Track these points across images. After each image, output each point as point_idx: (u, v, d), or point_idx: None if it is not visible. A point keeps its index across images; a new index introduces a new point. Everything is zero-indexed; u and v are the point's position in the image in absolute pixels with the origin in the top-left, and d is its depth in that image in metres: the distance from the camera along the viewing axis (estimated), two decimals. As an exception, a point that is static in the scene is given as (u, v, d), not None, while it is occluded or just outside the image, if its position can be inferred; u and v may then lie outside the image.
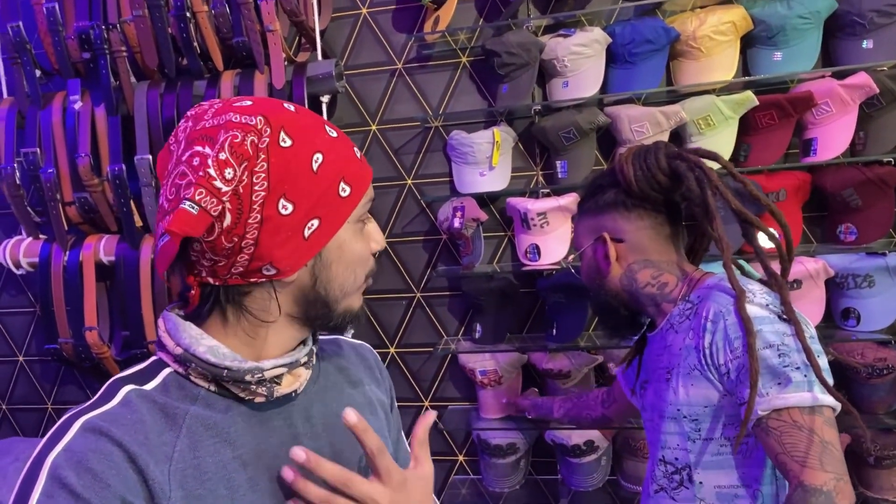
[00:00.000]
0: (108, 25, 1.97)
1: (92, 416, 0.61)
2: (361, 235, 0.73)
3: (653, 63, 1.81)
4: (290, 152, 0.66)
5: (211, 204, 0.62)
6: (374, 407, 0.84)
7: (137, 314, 2.04)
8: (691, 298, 1.09)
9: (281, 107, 0.69)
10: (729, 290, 1.01)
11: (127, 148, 2.02)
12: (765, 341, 0.94)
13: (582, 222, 1.20)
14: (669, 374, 1.07)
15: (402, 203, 2.12)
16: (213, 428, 0.66)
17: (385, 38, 2.08)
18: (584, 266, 1.20)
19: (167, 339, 0.69)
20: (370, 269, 0.76)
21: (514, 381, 2.00)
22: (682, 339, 1.06)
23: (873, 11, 1.67)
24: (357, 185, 0.71)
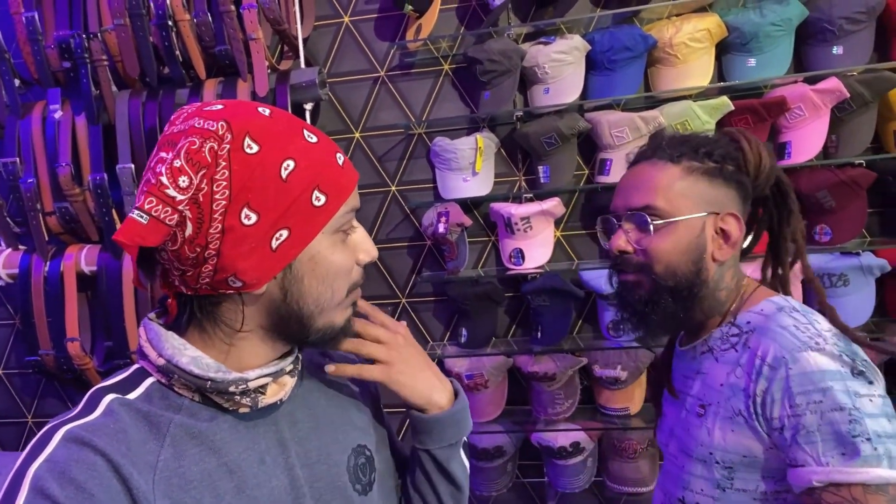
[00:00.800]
0: (89, 34, 1.96)
1: (74, 426, 0.60)
2: (343, 246, 0.69)
3: (631, 70, 1.84)
4: (256, 159, 0.62)
5: (165, 213, 0.60)
6: (359, 403, 0.84)
7: (120, 324, 2.02)
8: (738, 323, 0.96)
9: (252, 111, 0.65)
10: (794, 331, 0.87)
11: (108, 157, 2.01)
12: (834, 403, 0.81)
13: (689, 182, 0.96)
14: (703, 410, 0.95)
15: (387, 209, 2.13)
16: (197, 436, 0.65)
17: (368, 46, 2.09)
18: (678, 239, 0.95)
19: (149, 348, 0.67)
20: (353, 282, 0.71)
21: (500, 384, 2.02)
22: (726, 374, 0.93)
23: (843, 18, 1.72)
24: (335, 193, 0.67)
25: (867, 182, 1.73)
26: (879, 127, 1.77)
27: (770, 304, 0.94)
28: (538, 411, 1.99)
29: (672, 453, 1.02)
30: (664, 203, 0.95)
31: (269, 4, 1.84)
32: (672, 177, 0.96)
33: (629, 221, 0.98)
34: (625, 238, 0.98)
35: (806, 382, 0.83)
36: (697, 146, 0.97)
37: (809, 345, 0.85)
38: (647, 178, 0.98)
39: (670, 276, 0.95)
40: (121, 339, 2.04)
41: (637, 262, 0.98)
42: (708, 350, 0.98)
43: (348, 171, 0.70)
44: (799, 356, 0.84)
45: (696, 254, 0.95)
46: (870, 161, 1.76)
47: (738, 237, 0.96)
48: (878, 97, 1.71)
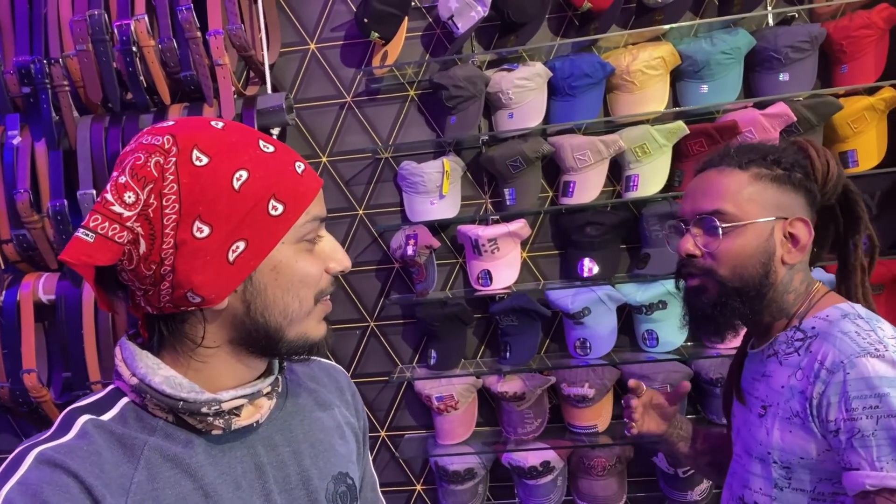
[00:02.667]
0: (50, 60, 1.93)
1: (47, 448, 0.59)
2: (308, 256, 0.68)
3: (591, 95, 1.91)
4: (206, 171, 0.61)
5: (112, 230, 0.59)
6: (343, 430, 0.81)
7: (80, 354, 1.97)
8: (804, 328, 0.97)
9: (202, 125, 0.65)
10: (854, 336, 0.89)
11: (69, 183, 1.98)
12: (890, 409, 0.82)
13: (757, 188, 0.98)
14: (764, 411, 0.98)
15: (355, 233, 2.14)
16: (172, 459, 0.64)
17: (334, 73, 2.12)
18: (746, 242, 0.97)
19: (123, 368, 0.66)
20: (319, 290, 0.69)
21: (470, 405, 2.03)
22: (787, 377, 0.95)
23: (788, 47, 1.82)
24: (293, 202, 0.65)
25: (815, 201, 1.81)
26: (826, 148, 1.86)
27: (836, 311, 0.96)
28: (508, 431, 2.01)
29: (738, 453, 1.05)
30: (733, 207, 0.98)
31: (236, 31, 1.86)
32: (740, 182, 0.99)
33: (697, 226, 1.01)
34: (693, 242, 1.00)
35: (863, 387, 0.84)
36: (766, 153, 1.00)
37: (869, 350, 0.86)
38: (716, 183, 1.00)
39: (736, 278, 0.98)
40: (80, 370, 1.98)
41: (703, 266, 1.00)
42: (773, 353, 1.00)
43: (308, 179, 0.68)
44: (857, 361, 0.86)
45: (765, 256, 0.97)
46: (817, 181, 1.84)
47: (806, 241, 0.98)
48: (823, 121, 1.80)
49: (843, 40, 1.81)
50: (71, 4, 1.93)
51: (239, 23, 1.87)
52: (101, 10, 1.88)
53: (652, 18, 1.91)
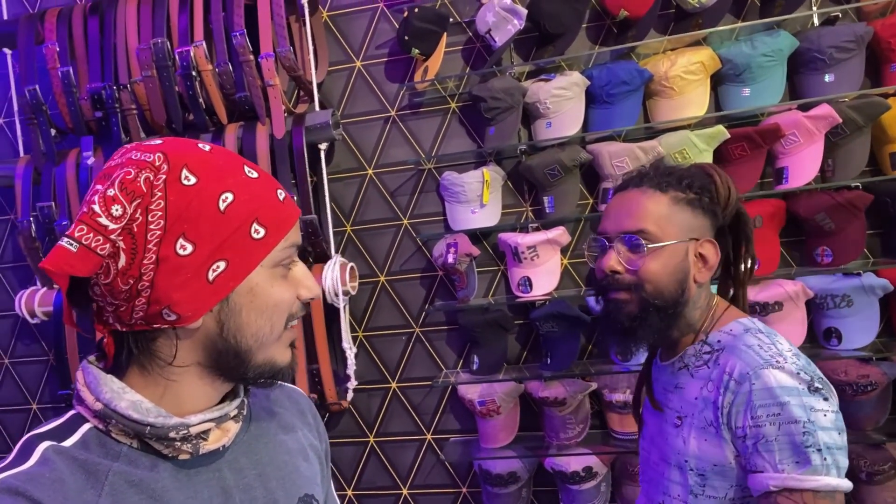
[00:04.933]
0: (119, 86, 2.10)
1: (8, 476, 0.58)
2: (283, 281, 0.69)
3: (629, 102, 1.92)
4: (193, 190, 0.62)
5: (96, 242, 0.60)
6: (307, 453, 0.81)
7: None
8: (710, 341, 1.05)
9: (191, 146, 0.66)
10: (757, 350, 0.97)
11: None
12: (791, 416, 0.90)
13: (675, 210, 1.05)
14: (680, 421, 1.04)
15: (399, 242, 2.21)
16: (137, 485, 0.63)
17: (378, 88, 2.21)
18: (666, 262, 1.03)
19: (86, 393, 0.65)
20: (290, 314, 0.70)
21: (512, 410, 2.06)
22: (699, 389, 1.02)
23: (832, 48, 1.78)
24: (274, 227, 0.67)
25: (864, 204, 1.77)
26: (875, 150, 1.81)
27: (738, 325, 1.04)
28: (550, 436, 2.03)
29: (654, 461, 1.11)
30: (655, 228, 1.03)
31: (286, 53, 1.97)
32: (661, 204, 1.05)
33: (622, 243, 1.05)
34: (616, 258, 1.05)
35: (766, 397, 0.92)
36: (681, 177, 1.07)
37: (770, 363, 0.94)
38: (640, 203, 1.06)
39: (658, 296, 1.04)
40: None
41: (625, 282, 1.05)
42: (684, 366, 1.07)
43: (288, 207, 0.69)
44: (761, 372, 0.94)
45: (682, 275, 1.04)
46: (867, 183, 1.80)
47: (715, 261, 1.07)
48: (870, 121, 1.76)
49: (892, 38, 1.75)
50: (137, 34, 2.09)
51: (288, 45, 1.98)
52: (164, 39, 2.03)
53: (691, 23, 1.90)
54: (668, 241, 1.03)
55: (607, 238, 1.08)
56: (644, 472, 1.17)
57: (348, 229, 2.24)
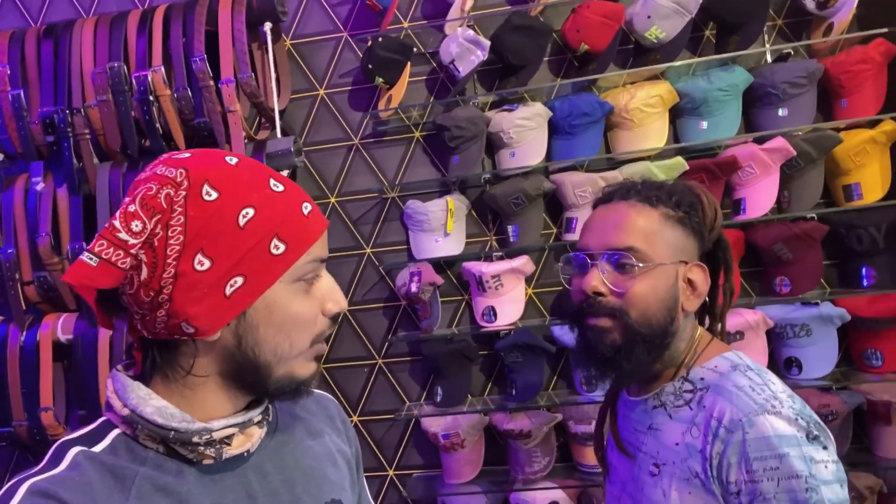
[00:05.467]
0: (73, 110, 2.04)
1: (39, 480, 0.60)
2: (305, 296, 0.68)
3: (591, 133, 1.94)
4: (214, 206, 0.63)
5: (116, 256, 0.61)
6: (335, 458, 0.81)
7: (95, 392, 2.01)
8: (692, 378, 0.93)
9: (217, 159, 0.66)
10: (749, 392, 0.86)
11: (89, 226, 2.06)
12: (791, 470, 0.79)
13: (665, 228, 0.93)
14: (657, 469, 0.91)
15: (362, 272, 2.17)
16: (163, 489, 0.64)
17: (342, 116, 2.19)
18: (655, 285, 0.91)
19: (115, 399, 0.67)
20: (316, 333, 0.70)
21: (476, 443, 2.02)
22: (681, 433, 0.90)
23: (785, 83, 1.83)
24: (295, 242, 0.66)
25: (820, 234, 1.81)
26: (829, 182, 1.86)
27: (724, 361, 0.93)
28: (516, 470, 1.98)
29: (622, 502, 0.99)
30: (645, 246, 0.91)
31: (247, 79, 1.94)
32: (652, 220, 0.93)
33: (607, 262, 0.92)
34: (600, 278, 0.92)
35: (763, 447, 0.81)
36: (670, 194, 0.96)
37: (766, 408, 0.83)
38: (628, 217, 0.93)
39: (645, 324, 0.90)
40: (95, 408, 2.02)
41: (610, 306, 0.91)
42: (660, 405, 0.95)
43: (313, 221, 0.68)
44: (756, 420, 0.82)
45: (672, 301, 0.92)
46: (822, 215, 1.84)
47: (704, 288, 0.95)
48: (823, 154, 1.81)
49: (842, 75, 1.82)
50: (93, 57, 2.04)
51: (249, 72, 1.95)
52: (121, 63, 1.98)
53: (649, 58, 1.95)
54: (659, 261, 0.90)
55: (589, 255, 0.94)
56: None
57: (310, 258, 2.19)
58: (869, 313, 1.79)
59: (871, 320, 1.80)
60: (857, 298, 1.81)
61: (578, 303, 0.95)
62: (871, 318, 1.79)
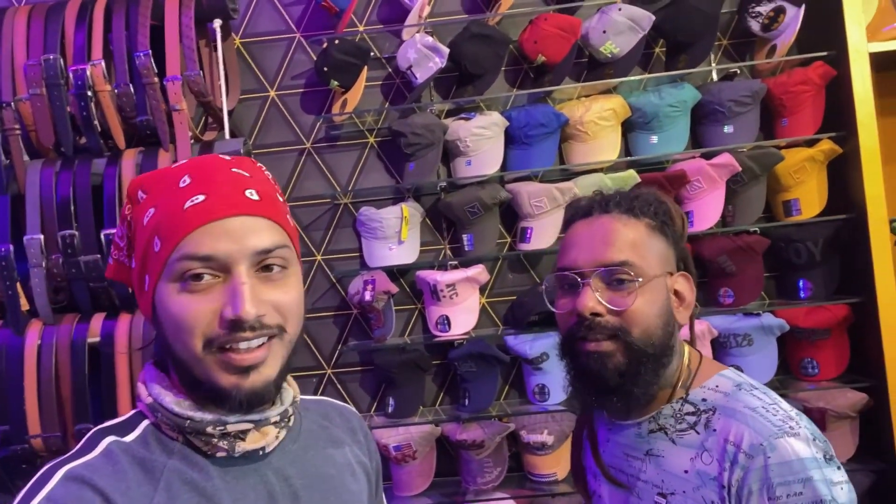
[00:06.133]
0: (2, 103, 1.90)
1: (74, 466, 0.62)
2: (190, 296, 0.64)
3: (547, 144, 1.96)
4: (138, 209, 0.70)
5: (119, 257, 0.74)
6: (354, 469, 0.81)
7: (19, 406, 1.87)
8: (692, 400, 0.89)
9: (163, 170, 0.72)
10: (765, 414, 0.82)
11: (16, 228, 1.92)
12: (816, 495, 0.76)
13: (652, 239, 0.89)
14: (664, 500, 0.86)
15: (313, 279, 2.12)
16: (190, 483, 0.66)
17: (293, 119, 2.13)
18: (653, 299, 0.87)
19: (142, 388, 0.70)
20: (208, 337, 0.64)
21: (428, 454, 1.99)
22: (690, 460, 0.85)
23: (731, 101, 1.90)
24: (167, 238, 0.64)
25: (762, 248, 1.88)
26: (770, 198, 1.94)
27: (725, 380, 0.89)
28: (468, 481, 1.97)
29: None
30: (638, 259, 0.87)
31: (194, 77, 1.86)
32: (640, 232, 0.89)
33: (600, 279, 0.87)
34: (596, 298, 0.86)
35: (786, 472, 0.78)
36: (647, 203, 0.91)
37: (784, 430, 0.80)
38: (616, 231, 0.88)
39: (648, 342, 0.86)
40: (19, 423, 1.88)
41: (611, 326, 0.86)
42: (659, 429, 0.90)
43: (191, 215, 0.64)
44: (777, 443, 0.79)
45: (668, 316, 0.88)
46: (763, 229, 1.92)
47: (691, 299, 0.91)
48: (766, 171, 1.89)
49: (783, 95, 1.90)
50: (26, 48, 1.91)
51: (198, 69, 1.87)
52: (57, 55, 1.86)
53: (603, 72, 1.98)
54: (652, 274, 0.86)
55: (579, 273, 0.88)
56: None
57: (257, 265, 2.12)
58: (806, 324, 1.88)
59: (807, 331, 1.88)
60: (795, 310, 1.89)
61: (571, 326, 0.89)
62: (808, 329, 1.88)
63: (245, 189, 0.67)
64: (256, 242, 0.65)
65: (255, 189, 0.68)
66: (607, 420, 0.98)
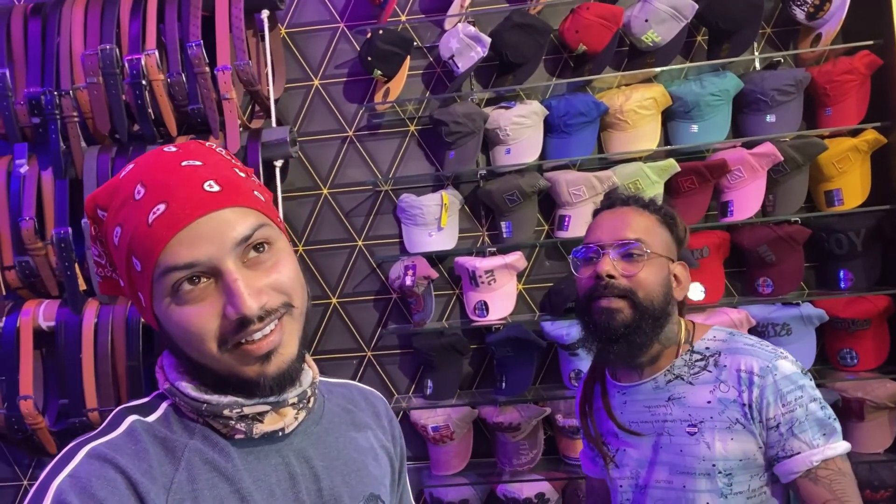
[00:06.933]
0: (61, 92, 1.98)
1: (98, 444, 0.63)
2: (189, 305, 0.63)
3: (586, 133, 1.98)
4: (103, 228, 0.68)
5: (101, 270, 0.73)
6: (377, 453, 0.81)
7: (77, 381, 1.97)
8: (698, 350, 1.11)
9: (114, 180, 0.68)
10: (760, 346, 1.08)
11: (74, 211, 2.01)
12: (809, 395, 1.01)
13: (660, 229, 1.14)
14: (696, 428, 1.06)
15: (354, 263, 2.17)
16: (210, 462, 0.66)
17: (336, 108, 2.18)
18: (657, 272, 1.10)
19: (160, 374, 0.71)
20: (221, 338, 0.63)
21: (465, 436, 2.04)
22: (709, 392, 1.06)
23: (774, 90, 1.89)
24: (144, 258, 0.63)
25: (803, 238, 1.87)
26: (812, 188, 1.93)
27: (718, 332, 1.14)
28: (503, 463, 2.01)
29: (663, 479, 1.09)
30: (648, 239, 1.11)
31: (244, 67, 1.92)
32: (650, 221, 1.14)
33: (617, 251, 1.11)
34: (612, 264, 1.09)
35: (788, 383, 1.02)
36: (659, 207, 1.18)
37: (778, 354, 1.06)
38: (632, 218, 1.14)
39: (650, 304, 1.08)
40: (77, 397, 1.98)
41: (622, 287, 1.09)
42: (675, 377, 1.11)
43: (157, 229, 0.62)
44: (777, 364, 1.04)
45: (667, 287, 1.12)
46: (804, 219, 1.91)
47: (687, 283, 1.18)
48: (809, 160, 1.87)
49: (827, 84, 1.89)
50: (83, 38, 1.99)
51: (247, 59, 1.93)
52: (113, 45, 1.94)
53: (644, 61, 1.99)
54: (657, 252, 1.11)
55: (600, 246, 1.12)
56: (637, 501, 1.13)
57: (300, 249, 2.18)
58: (846, 314, 1.87)
59: (847, 321, 1.87)
60: (835, 300, 1.89)
61: (588, 288, 1.12)
62: (848, 319, 1.87)
63: (202, 182, 0.63)
64: (233, 235, 0.63)
65: (212, 179, 0.64)
66: (619, 385, 1.18)
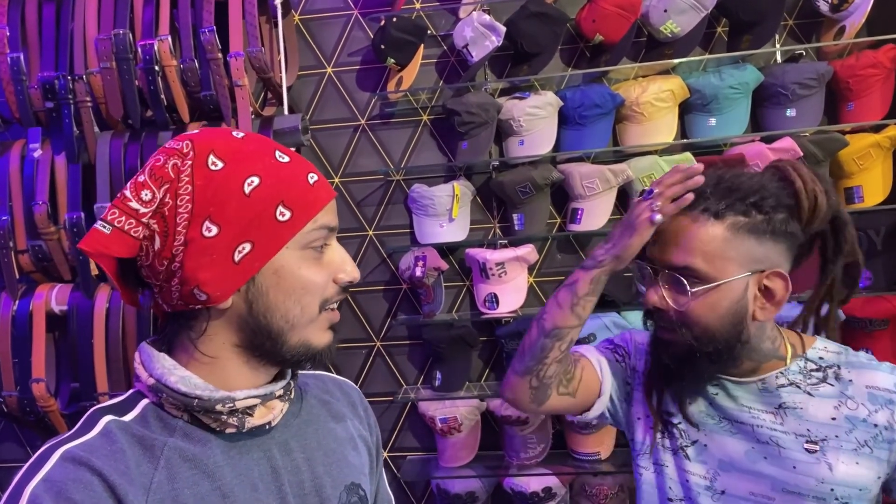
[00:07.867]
0: (74, 76, 1.99)
1: (72, 447, 0.61)
2: (314, 263, 0.70)
3: (601, 125, 1.95)
4: (220, 175, 0.65)
5: (129, 225, 0.64)
6: (356, 442, 0.82)
7: (89, 365, 1.99)
8: (811, 358, 0.98)
9: (223, 134, 0.69)
10: (876, 362, 0.97)
11: (87, 196, 2.02)
12: None
13: (733, 241, 0.90)
14: (816, 446, 0.93)
15: (364, 253, 2.16)
16: (191, 460, 0.65)
17: (349, 96, 2.17)
18: (716, 303, 0.91)
19: (141, 370, 0.69)
20: (325, 298, 0.70)
21: (473, 428, 2.03)
22: (834, 408, 0.94)
23: (795, 84, 1.85)
24: (301, 209, 0.68)
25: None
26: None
27: (828, 343, 1.01)
28: (511, 456, 2.01)
29: (754, 492, 0.97)
30: (704, 265, 0.91)
31: (256, 54, 1.91)
32: (714, 237, 0.90)
33: (665, 279, 0.94)
34: (659, 295, 0.95)
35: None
36: (745, 196, 0.91)
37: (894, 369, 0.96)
38: (688, 234, 0.92)
39: (707, 340, 0.93)
40: (88, 381, 1.99)
41: (670, 320, 0.95)
42: (790, 383, 0.96)
43: (319, 190, 0.70)
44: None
45: (737, 317, 0.92)
46: (823, 216, 1.87)
47: (783, 297, 0.93)
48: (829, 156, 1.83)
49: (850, 79, 1.84)
50: (97, 23, 1.98)
51: (259, 46, 1.92)
52: (126, 30, 1.93)
53: (662, 52, 1.95)
54: (721, 279, 0.90)
55: (654, 269, 0.96)
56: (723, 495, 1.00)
57: (311, 238, 2.18)
58: (863, 314, 1.83)
59: (864, 321, 1.84)
60: (853, 299, 1.84)
61: (646, 310, 1.01)
62: (865, 319, 1.83)
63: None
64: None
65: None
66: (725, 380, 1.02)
